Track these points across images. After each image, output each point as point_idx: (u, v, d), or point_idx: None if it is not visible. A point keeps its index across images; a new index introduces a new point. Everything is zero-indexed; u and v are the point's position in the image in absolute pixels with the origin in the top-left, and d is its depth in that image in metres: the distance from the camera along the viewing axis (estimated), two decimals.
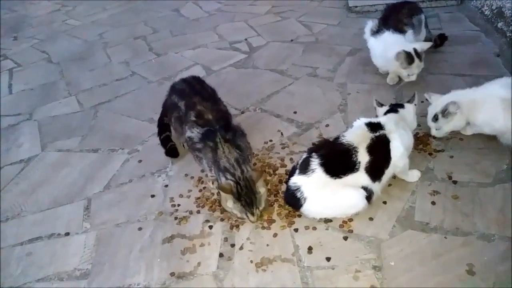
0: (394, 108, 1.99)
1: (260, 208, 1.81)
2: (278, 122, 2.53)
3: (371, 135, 1.75)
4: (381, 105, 2.06)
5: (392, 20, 2.73)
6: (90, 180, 2.25)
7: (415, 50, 2.50)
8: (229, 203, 1.79)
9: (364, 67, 2.96)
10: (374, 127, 1.79)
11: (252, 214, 1.79)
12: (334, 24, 3.75)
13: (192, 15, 4.48)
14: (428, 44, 2.60)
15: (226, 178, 1.82)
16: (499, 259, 1.56)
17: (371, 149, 1.71)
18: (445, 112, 2.03)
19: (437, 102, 2.12)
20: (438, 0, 3.80)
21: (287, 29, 3.82)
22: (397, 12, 2.79)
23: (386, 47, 2.63)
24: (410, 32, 2.73)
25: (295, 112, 2.59)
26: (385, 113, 1.97)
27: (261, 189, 1.81)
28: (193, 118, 2.03)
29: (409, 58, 2.48)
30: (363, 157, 1.70)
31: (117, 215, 2.00)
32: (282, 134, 2.41)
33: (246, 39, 3.70)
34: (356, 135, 1.76)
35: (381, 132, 1.77)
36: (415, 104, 2.03)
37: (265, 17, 4.16)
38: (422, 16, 2.88)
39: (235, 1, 4.74)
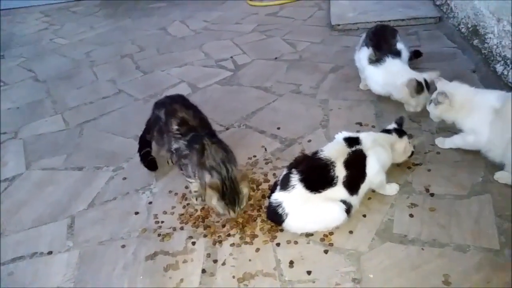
0: (389, 130, 2.06)
1: (242, 207, 1.88)
2: (262, 138, 2.58)
3: (348, 150, 1.80)
4: (399, 124, 2.11)
5: (385, 45, 2.72)
6: (75, 198, 2.26)
7: (425, 80, 2.48)
8: (213, 200, 1.83)
9: (346, 83, 3.04)
10: (351, 142, 1.84)
11: (234, 211, 1.85)
12: (317, 42, 3.84)
13: (179, 34, 4.56)
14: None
15: (212, 176, 1.85)
16: (474, 269, 1.60)
17: (347, 163, 1.76)
18: (435, 100, 2.13)
19: (438, 88, 2.18)
20: (417, 19, 3.93)
21: (272, 47, 3.90)
22: (385, 37, 2.79)
23: (393, 75, 2.58)
24: (404, 54, 2.74)
25: (278, 128, 2.64)
26: (381, 131, 2.08)
27: (245, 190, 1.87)
28: (176, 127, 2.06)
29: (419, 87, 2.46)
30: (340, 172, 1.75)
31: (100, 233, 2.01)
32: (265, 149, 2.45)
33: (231, 57, 3.77)
34: (334, 150, 1.81)
35: (358, 147, 1.82)
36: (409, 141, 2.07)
37: (251, 36, 4.24)
38: (398, 36, 2.94)
39: (221, 20, 4.84)
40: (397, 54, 2.67)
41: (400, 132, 2.06)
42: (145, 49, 4.23)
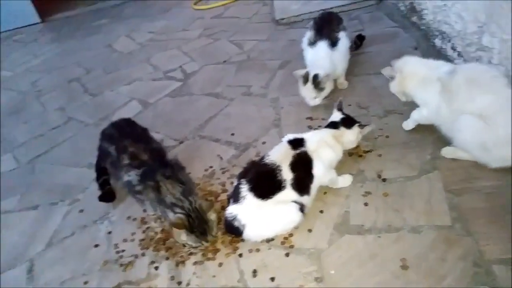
0: (336, 123, 2.04)
1: (214, 234, 1.84)
2: (217, 146, 2.56)
3: (293, 152, 1.81)
4: (340, 109, 2.11)
5: (325, 30, 2.73)
6: (32, 240, 2.19)
7: (315, 75, 2.49)
8: (183, 237, 1.79)
9: (294, 78, 3.03)
10: (296, 144, 1.85)
11: (207, 241, 1.81)
12: (264, 39, 3.84)
13: (125, 49, 4.48)
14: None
15: (175, 213, 1.81)
16: (429, 249, 1.63)
17: (293, 166, 1.77)
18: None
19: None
20: (358, 2, 3.97)
21: (219, 50, 3.88)
22: (328, 23, 2.79)
23: (316, 59, 2.66)
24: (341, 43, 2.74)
25: (232, 134, 2.63)
26: (328, 125, 2.06)
27: (212, 216, 1.83)
28: (127, 161, 2.01)
29: (304, 78, 2.53)
30: (287, 175, 1.76)
31: (61, 272, 1.96)
32: (221, 158, 2.44)
33: (180, 66, 3.73)
34: (279, 153, 1.82)
35: (302, 149, 1.83)
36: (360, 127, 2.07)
37: (198, 41, 4.20)
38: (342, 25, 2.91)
39: (167, 29, 4.77)
40: (333, 41, 2.69)
41: (348, 123, 2.05)
42: (92, 70, 4.13)
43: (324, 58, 2.63)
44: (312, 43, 2.72)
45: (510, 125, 1.74)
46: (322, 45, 2.67)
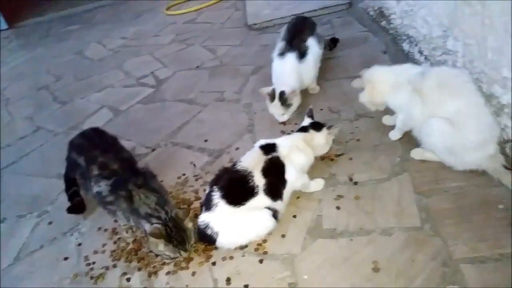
0: (306, 127, 2.06)
1: (192, 243, 1.80)
2: (190, 153, 2.54)
3: (265, 157, 1.81)
4: (310, 116, 2.12)
5: (296, 41, 2.70)
6: None
7: (282, 92, 2.47)
8: (160, 247, 1.74)
9: (267, 84, 3.00)
10: (268, 149, 1.85)
11: (186, 251, 1.78)
12: (237, 45, 3.85)
13: (96, 56, 4.40)
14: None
15: (152, 223, 1.77)
16: (399, 250, 1.66)
17: (265, 172, 1.77)
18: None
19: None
20: (330, 7, 4.02)
21: (192, 56, 3.86)
22: (300, 31, 2.76)
23: (283, 72, 2.62)
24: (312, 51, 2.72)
25: (206, 141, 2.61)
26: (298, 130, 2.07)
27: (189, 225, 1.80)
28: (97, 172, 1.96)
29: (271, 96, 2.50)
30: (259, 181, 1.76)
31: (30, 287, 1.90)
32: (194, 165, 2.42)
33: (152, 73, 3.69)
34: (251, 159, 1.82)
35: (274, 154, 1.83)
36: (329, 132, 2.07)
37: (170, 47, 4.18)
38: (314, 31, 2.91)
39: (139, 34, 4.72)
40: (301, 52, 2.65)
41: (317, 127, 2.07)
42: (62, 78, 4.05)
43: (290, 73, 2.59)
44: (281, 54, 2.68)
45: (477, 131, 1.79)
46: (291, 57, 2.62)
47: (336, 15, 3.94)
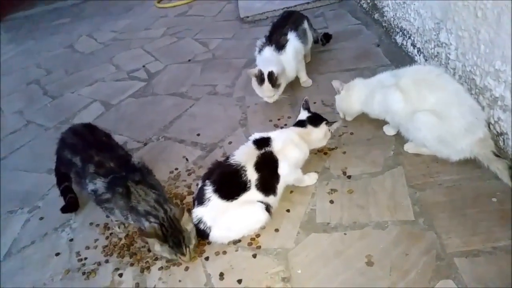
0: (303, 122, 2.04)
1: (191, 246, 1.74)
2: (183, 147, 2.52)
3: (258, 152, 1.79)
4: (306, 109, 2.10)
5: (274, 36, 2.70)
6: None
7: (270, 72, 2.46)
8: (156, 247, 1.71)
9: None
10: (261, 143, 1.83)
11: (183, 254, 1.71)
12: (229, 38, 3.81)
13: (86, 49, 4.35)
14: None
15: (150, 222, 1.72)
16: (393, 244, 1.65)
17: (258, 166, 1.75)
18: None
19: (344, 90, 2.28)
20: (321, 0, 4.00)
21: (184, 49, 3.82)
22: (281, 26, 2.75)
23: (264, 64, 2.57)
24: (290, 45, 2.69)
25: (198, 135, 2.59)
26: (295, 124, 2.05)
27: (188, 226, 1.73)
28: (93, 170, 1.90)
29: (260, 77, 2.49)
30: (252, 175, 1.74)
31: (21, 284, 1.88)
32: (187, 160, 2.40)
33: (144, 66, 3.65)
34: (244, 154, 1.80)
35: (267, 149, 1.81)
36: (328, 127, 2.06)
37: (161, 40, 4.13)
38: (305, 24, 2.92)
39: (130, 28, 4.66)
40: (279, 46, 2.64)
41: (315, 122, 2.04)
42: (53, 72, 3.99)
43: (270, 59, 2.58)
44: (259, 51, 2.69)
45: (462, 116, 1.81)
46: (268, 49, 2.63)
47: (329, 7, 3.92)
